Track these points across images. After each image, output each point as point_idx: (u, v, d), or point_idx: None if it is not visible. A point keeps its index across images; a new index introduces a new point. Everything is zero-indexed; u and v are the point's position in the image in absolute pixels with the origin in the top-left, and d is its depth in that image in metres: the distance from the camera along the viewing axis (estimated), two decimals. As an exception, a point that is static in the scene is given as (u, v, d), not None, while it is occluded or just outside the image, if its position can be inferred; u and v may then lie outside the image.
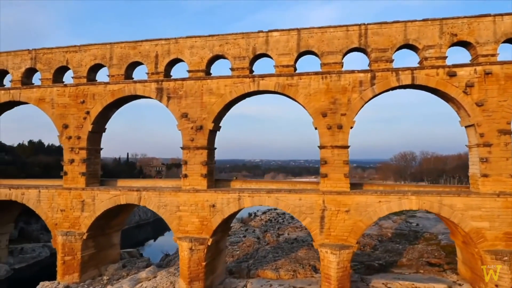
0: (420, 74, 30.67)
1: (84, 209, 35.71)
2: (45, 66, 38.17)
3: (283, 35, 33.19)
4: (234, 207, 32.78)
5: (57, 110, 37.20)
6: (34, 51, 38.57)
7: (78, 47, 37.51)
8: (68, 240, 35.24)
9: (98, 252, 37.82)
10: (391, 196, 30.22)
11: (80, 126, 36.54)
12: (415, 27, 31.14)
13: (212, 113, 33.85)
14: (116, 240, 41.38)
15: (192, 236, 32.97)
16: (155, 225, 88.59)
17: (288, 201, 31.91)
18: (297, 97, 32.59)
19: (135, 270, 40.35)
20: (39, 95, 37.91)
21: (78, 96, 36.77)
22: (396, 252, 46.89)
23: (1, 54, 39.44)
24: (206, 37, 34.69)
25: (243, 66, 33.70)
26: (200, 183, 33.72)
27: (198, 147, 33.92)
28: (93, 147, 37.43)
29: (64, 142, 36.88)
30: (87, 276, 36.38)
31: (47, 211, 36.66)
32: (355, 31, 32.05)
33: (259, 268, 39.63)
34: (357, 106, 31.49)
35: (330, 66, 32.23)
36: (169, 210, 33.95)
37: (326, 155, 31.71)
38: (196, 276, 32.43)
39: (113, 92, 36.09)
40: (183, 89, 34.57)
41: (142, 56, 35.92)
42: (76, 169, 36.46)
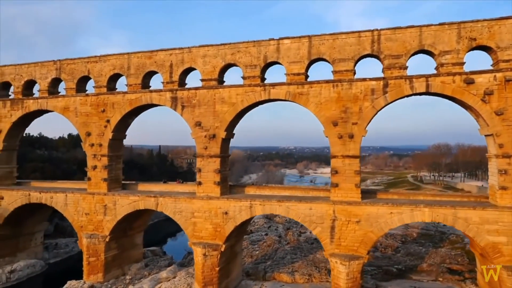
0: (435, 82, 29.49)
1: (107, 213, 37.60)
2: (69, 76, 40.03)
3: (294, 42, 32.84)
4: (246, 215, 33.37)
5: (80, 118, 39.07)
6: (58, 61, 40.49)
7: (98, 57, 38.97)
8: (92, 242, 37.37)
9: (121, 252, 39.81)
10: (403, 207, 29.61)
11: (102, 134, 38.20)
12: (431, 31, 29.83)
13: (225, 122, 34.32)
14: (139, 240, 43.31)
15: (206, 242, 33.98)
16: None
17: (298, 210, 32.06)
18: (308, 105, 32.34)
19: (156, 269, 42.17)
20: (63, 104, 39.92)
21: (99, 105, 38.39)
22: (418, 256, 45.95)
23: (30, 65, 41.72)
24: (218, 46, 34.96)
25: (254, 74, 33.77)
26: (213, 191, 34.52)
27: (211, 155, 34.62)
28: (114, 154, 39.10)
29: (87, 149, 38.78)
30: (111, 275, 38.48)
31: (73, 214, 38.94)
32: (367, 37, 31.17)
33: (275, 271, 40.24)
34: (369, 115, 30.83)
35: (342, 74, 31.63)
36: (184, 216, 35.09)
37: (337, 165, 31.44)
38: (210, 281, 33.52)
39: (131, 101, 37.37)
40: (196, 98, 35.21)
41: (157, 66, 36.81)
42: (99, 175, 38.32)
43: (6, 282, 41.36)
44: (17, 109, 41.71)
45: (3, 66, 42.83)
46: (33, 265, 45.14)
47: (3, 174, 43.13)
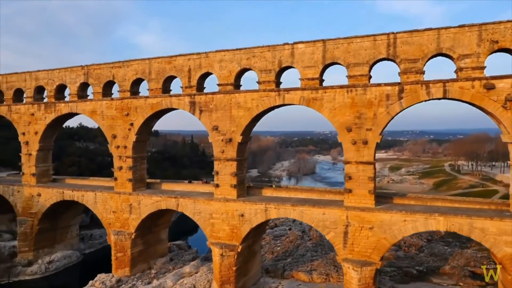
0: (453, 87, 28.48)
1: (132, 211, 39.73)
2: (95, 81, 42.02)
3: (309, 46, 32.65)
4: (261, 218, 34.19)
5: (107, 121, 41.10)
6: (86, 67, 42.54)
7: (122, 62, 40.56)
8: (119, 239, 39.73)
9: (146, 248, 42.05)
10: (417, 215, 29.24)
11: (126, 136, 40.07)
12: (450, 34, 28.67)
13: (240, 126, 34.97)
14: (164, 235, 45.44)
15: (223, 243, 35.22)
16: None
17: (312, 215, 32.45)
18: (322, 111, 32.28)
19: (181, 264, 44.18)
20: (91, 107, 42.08)
21: (123, 109, 40.16)
22: (442, 257, 45.09)
23: (60, 70, 44.14)
24: (234, 51, 35.38)
25: (269, 79, 34.00)
26: (230, 193, 35.54)
27: (228, 159, 35.52)
28: (138, 155, 40.94)
29: (114, 150, 40.85)
30: (137, 270, 40.86)
31: (102, 211, 41.44)
32: (383, 40, 30.43)
33: (294, 269, 41.01)
34: (384, 121, 30.35)
35: (356, 79, 31.20)
36: (203, 217, 36.45)
37: (351, 171, 31.37)
38: (227, 280, 34.88)
39: (152, 105, 38.79)
40: (214, 103, 36.01)
41: (176, 71, 37.84)
42: (124, 175, 40.39)
43: (45, 272, 44.97)
44: (51, 112, 44.44)
45: (37, 71, 45.57)
46: (69, 256, 48.64)
47: (40, 172, 46.38)
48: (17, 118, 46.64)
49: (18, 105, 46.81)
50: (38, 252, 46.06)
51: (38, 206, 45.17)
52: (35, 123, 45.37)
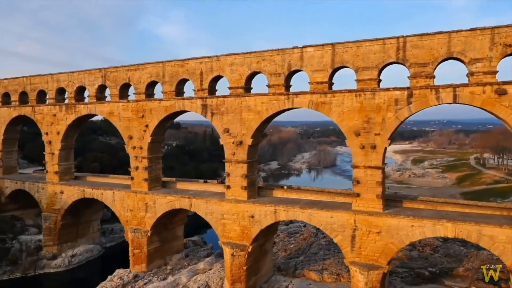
0: (464, 92, 28.00)
1: (148, 210, 41.18)
2: (112, 83, 43.39)
3: (318, 50, 32.66)
4: (271, 219, 34.84)
5: (123, 123, 42.48)
6: (103, 69, 43.93)
7: (137, 65, 41.66)
8: (136, 236, 41.35)
9: (162, 245, 43.58)
10: (425, 221, 29.14)
11: (142, 137, 41.35)
12: (461, 37, 28.08)
13: (251, 129, 35.51)
14: (180, 232, 46.86)
15: (234, 243, 36.15)
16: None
17: (320, 218, 32.83)
18: (331, 115, 32.39)
19: (196, 260, 45.60)
20: (109, 109, 43.55)
21: (138, 111, 41.39)
22: (456, 258, 44.56)
23: (79, 72, 45.74)
24: (244, 54, 35.77)
25: (278, 83, 34.28)
26: (241, 194, 36.31)
27: (238, 161, 36.22)
28: (154, 155, 42.21)
29: (130, 151, 42.27)
30: (154, 265, 42.46)
31: (120, 209, 43.14)
32: (392, 44, 30.11)
33: (306, 267, 41.59)
34: (392, 125, 30.21)
35: (365, 83, 31.08)
36: (215, 217, 37.44)
37: (359, 175, 31.47)
38: (238, 278, 35.87)
39: (166, 108, 39.81)
40: (225, 106, 36.65)
41: (189, 74, 38.62)
42: (140, 175, 41.80)
43: (68, 265, 47.37)
44: (71, 113, 46.26)
45: (58, 74, 47.41)
46: (91, 249, 50.96)
47: (63, 170, 48.52)
48: (41, 119, 48.79)
49: (41, 106, 48.92)
50: (62, 246, 48.47)
51: (61, 202, 47.41)
52: (57, 124, 47.36)
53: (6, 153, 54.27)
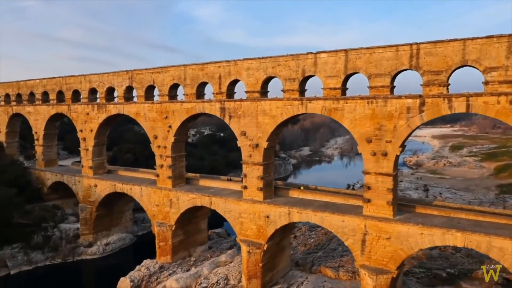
0: (477, 102, 27.45)
1: (172, 206, 43.69)
2: (138, 85, 45.63)
3: (331, 56, 32.84)
4: (285, 220, 36.12)
5: (149, 123, 44.81)
6: (130, 72, 46.21)
7: (160, 68, 43.51)
8: (161, 230, 44.14)
9: (186, 238, 46.19)
10: (434, 229, 29.29)
11: (165, 137, 43.55)
12: (476, 45, 27.35)
13: (266, 132, 36.55)
14: (203, 225, 49.28)
15: (251, 241, 37.87)
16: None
17: (332, 221, 33.70)
18: (343, 121, 32.74)
19: (218, 252, 47.95)
20: (136, 109, 45.98)
21: (162, 112, 43.47)
22: (478, 259, 43.91)
23: (109, 74, 48.37)
24: (260, 59, 36.53)
25: (293, 88, 34.89)
26: (257, 195, 37.75)
27: (255, 163, 37.53)
28: (177, 154, 44.38)
29: (155, 150, 44.67)
30: (178, 257, 45.24)
31: (147, 204, 46.01)
32: (405, 51, 29.79)
33: (323, 264, 42.82)
34: (404, 133, 30.19)
35: (378, 90, 31.07)
36: (233, 216, 39.24)
37: (370, 181, 31.87)
38: (254, 274, 37.72)
39: (187, 110, 41.57)
40: (241, 109, 37.81)
41: (208, 77, 39.96)
42: (165, 173, 44.21)
43: (103, 253, 51.37)
44: (102, 112, 49.24)
45: (90, 75, 50.35)
46: (124, 238, 54.78)
47: (96, 165, 52.05)
48: (76, 117, 52.28)
49: (75, 105, 52.32)
50: (97, 234, 52.49)
51: (95, 195, 51.10)
52: (90, 122, 50.62)
53: (47, 147, 58.73)
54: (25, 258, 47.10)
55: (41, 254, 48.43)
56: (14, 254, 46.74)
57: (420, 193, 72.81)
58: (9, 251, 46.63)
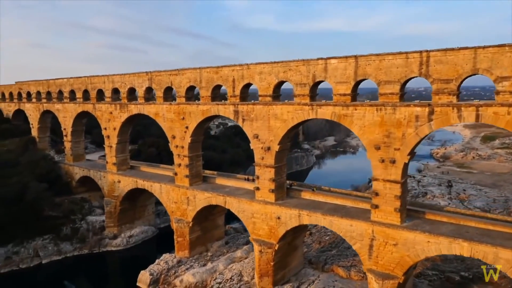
0: (487, 112, 26.99)
1: (189, 203, 45.43)
2: (157, 86, 47.17)
3: (341, 62, 32.90)
4: (295, 222, 36.98)
5: (167, 123, 46.41)
6: (150, 73, 47.77)
7: (177, 70, 44.76)
8: (179, 226, 46.08)
9: (204, 233, 47.98)
10: (441, 238, 29.33)
11: (183, 137, 45.05)
12: (488, 54, 26.76)
13: (278, 136, 37.23)
14: (220, 221, 50.88)
15: (262, 240, 39.04)
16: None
17: (340, 225, 34.27)
18: (352, 127, 32.93)
19: (234, 247, 49.56)
20: (155, 110, 47.66)
21: (179, 113, 44.89)
22: (495, 262, 43.28)
23: (130, 75, 50.17)
24: (272, 64, 37.01)
25: (303, 93, 35.26)
26: (269, 197, 38.73)
27: (267, 166, 38.39)
28: (194, 154, 45.87)
29: (174, 149, 46.33)
30: (196, 252, 47.17)
31: (166, 201, 48.01)
32: (415, 58, 29.48)
33: (335, 263, 43.49)
34: (412, 142, 30.10)
35: (387, 97, 31.01)
36: (246, 215, 40.47)
37: (378, 188, 32.09)
38: (265, 273, 39.00)
39: (203, 112, 42.76)
40: (254, 113, 38.58)
41: (223, 80, 40.86)
42: (182, 172, 45.88)
43: (126, 245, 54.18)
44: (124, 111, 51.31)
45: (113, 75, 52.38)
46: (146, 231, 57.40)
47: (119, 162, 54.52)
48: (100, 115, 54.70)
49: (100, 104, 54.68)
50: (121, 227, 55.30)
51: (119, 190, 53.69)
52: (113, 120, 52.88)
53: (75, 143, 61.87)
54: (55, 249, 50.50)
55: (69, 245, 51.73)
56: (45, 245, 50.20)
57: (443, 190, 71.35)
58: (40, 242, 50.09)
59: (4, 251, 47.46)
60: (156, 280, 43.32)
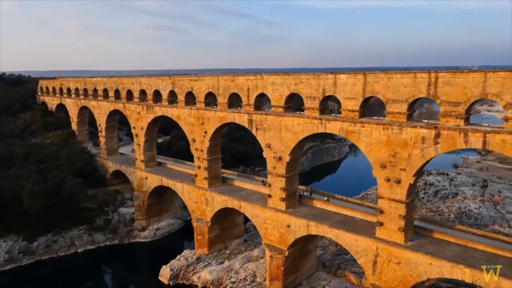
0: (494, 139, 26.01)
1: (208, 204, 47.49)
2: (179, 90, 48.90)
3: (350, 78, 32.63)
4: (304, 232, 37.82)
5: (188, 127, 48.25)
6: (172, 77, 49.56)
7: (197, 77, 46.13)
8: (199, 225, 48.44)
9: (222, 232, 50.08)
10: (444, 261, 29.06)
11: (202, 141, 46.76)
12: (498, 78, 25.59)
13: (288, 147, 37.81)
14: (240, 220, 52.68)
15: (273, 246, 40.34)
16: (312, 173, 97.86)
17: (346, 239, 34.71)
18: (359, 144, 32.82)
19: (252, 246, 51.35)
20: (177, 113, 49.59)
21: (199, 118, 46.48)
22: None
23: (155, 78, 52.31)
24: (284, 76, 37.30)
25: (313, 106, 35.41)
26: (280, 205, 39.74)
27: (278, 175, 39.25)
28: (213, 157, 47.55)
29: (194, 152, 48.25)
30: (215, 249, 49.49)
31: (188, 200, 50.43)
32: (423, 78, 28.70)
33: (348, 268, 44.03)
34: (418, 163, 29.63)
35: (394, 116, 30.56)
36: (259, 221, 41.84)
37: (383, 206, 32.06)
38: (276, 277, 40.47)
39: (220, 118, 44.02)
40: (267, 123, 39.27)
41: (238, 89, 41.70)
42: (202, 174, 47.84)
43: (153, 237, 57.68)
44: (150, 113, 53.78)
45: (140, 77, 54.91)
46: (173, 224, 60.62)
47: (147, 159, 57.54)
48: (129, 114, 57.67)
49: (129, 104, 57.56)
50: (149, 220, 58.82)
51: (147, 186, 56.92)
52: (141, 120, 55.62)
53: (109, 138, 65.76)
54: (89, 239, 54.94)
55: (102, 236, 55.98)
56: (81, 235, 54.73)
57: (476, 191, 68.34)
58: (76, 232, 54.68)
59: (45, 240, 52.41)
60: (176, 275, 46.21)
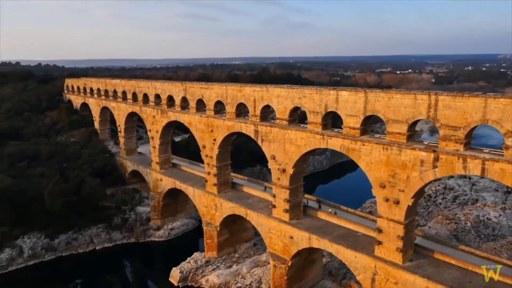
0: (493, 167, 25.31)
1: (217, 209, 48.58)
2: (191, 97, 49.81)
3: (351, 95, 32.32)
4: (306, 244, 38.18)
5: (198, 133, 49.21)
6: (184, 84, 50.52)
7: (207, 85, 46.82)
8: (208, 229, 49.69)
9: (232, 236, 51.13)
10: (440, 286, 28.73)
11: (211, 148, 47.62)
12: (499, 105, 24.74)
13: (292, 160, 38.00)
14: (249, 224, 53.19)
15: (277, 255, 40.96)
16: (331, 172, 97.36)
17: (345, 255, 34.81)
18: (360, 162, 32.61)
19: (261, 250, 52.09)
20: (188, 119, 50.60)
21: (208, 125, 47.29)
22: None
23: (169, 83, 53.49)
24: (288, 89, 37.34)
25: (316, 121, 35.35)
26: (283, 216, 40.18)
27: (282, 186, 39.60)
28: (222, 163, 48.37)
29: (204, 158, 49.25)
30: (224, 252, 50.68)
31: (198, 204, 51.72)
32: (423, 100, 28.08)
33: (353, 278, 44.03)
34: (416, 185, 29.20)
35: (394, 136, 30.16)
36: (264, 230, 42.50)
37: (382, 225, 31.87)
38: (279, 286, 41.15)
39: (228, 127, 44.64)
40: (271, 135, 39.54)
41: (245, 99, 42.07)
42: (211, 180, 48.84)
43: (168, 236, 59.59)
44: (164, 117, 55.12)
45: (155, 82, 56.34)
46: (187, 224, 62.32)
47: (162, 161, 59.19)
48: (145, 117, 59.31)
49: (145, 107, 59.14)
50: (164, 219, 60.74)
51: (161, 187, 58.70)
52: (156, 124, 57.14)
53: (127, 139, 67.95)
54: (107, 237, 57.51)
55: (119, 234, 58.44)
56: (99, 233, 57.37)
57: (498, 197, 65.87)
58: (95, 230, 57.34)
59: (65, 237, 55.36)
60: (185, 277, 47.80)
